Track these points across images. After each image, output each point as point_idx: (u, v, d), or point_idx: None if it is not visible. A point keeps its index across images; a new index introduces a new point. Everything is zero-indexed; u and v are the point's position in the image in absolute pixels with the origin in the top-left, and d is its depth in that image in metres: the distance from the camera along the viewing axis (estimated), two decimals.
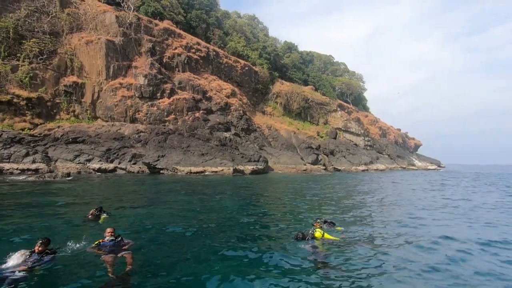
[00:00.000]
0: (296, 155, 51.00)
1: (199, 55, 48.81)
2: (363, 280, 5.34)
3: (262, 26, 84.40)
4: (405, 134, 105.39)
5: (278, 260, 6.24)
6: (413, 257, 6.77)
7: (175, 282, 5.08)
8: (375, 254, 6.81)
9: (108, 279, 5.05)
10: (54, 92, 34.75)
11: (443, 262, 6.44)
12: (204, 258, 6.26)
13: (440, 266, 6.18)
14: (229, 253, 6.56)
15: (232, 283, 5.11)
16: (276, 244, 7.40)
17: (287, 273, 5.56)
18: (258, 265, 5.95)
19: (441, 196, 19.33)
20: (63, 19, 37.42)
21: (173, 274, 5.41)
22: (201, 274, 5.39)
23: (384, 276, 5.54)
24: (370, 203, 15.41)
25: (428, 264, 6.31)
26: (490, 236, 8.79)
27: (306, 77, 76.23)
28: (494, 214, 13.01)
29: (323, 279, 5.34)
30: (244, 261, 6.18)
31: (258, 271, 5.65)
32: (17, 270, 5.00)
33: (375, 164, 64.14)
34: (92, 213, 9.38)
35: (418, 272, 5.85)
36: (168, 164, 33.02)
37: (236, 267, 5.81)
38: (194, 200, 14.32)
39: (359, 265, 6.12)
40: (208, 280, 5.17)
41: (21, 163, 26.38)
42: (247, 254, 6.52)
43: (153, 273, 5.45)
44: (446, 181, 35.75)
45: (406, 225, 10.21)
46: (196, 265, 5.84)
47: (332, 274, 5.57)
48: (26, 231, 7.91)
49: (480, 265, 6.37)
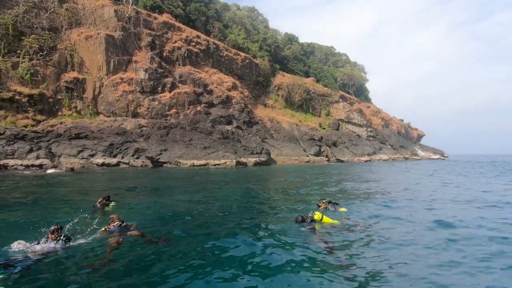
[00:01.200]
0: (298, 147, 50.93)
1: (199, 48, 48.47)
2: (356, 263, 5.30)
3: (262, 18, 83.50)
4: (408, 125, 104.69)
5: (276, 242, 6.31)
6: (409, 238, 6.79)
7: (182, 267, 5.10)
8: (373, 238, 6.77)
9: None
10: (55, 88, 34.76)
11: (439, 245, 6.42)
12: (209, 241, 6.30)
13: (437, 247, 6.20)
14: (228, 237, 6.64)
15: (230, 264, 5.16)
16: (276, 227, 7.48)
17: (283, 256, 5.58)
18: (255, 248, 6.00)
19: (435, 181, 19.27)
20: (62, 15, 37.22)
21: (180, 257, 5.45)
22: (205, 256, 5.43)
23: (380, 260, 5.50)
24: (370, 189, 15.39)
25: (425, 244, 6.32)
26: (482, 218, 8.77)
27: (308, 68, 75.56)
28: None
29: (316, 261, 5.36)
30: (244, 243, 6.26)
31: (255, 253, 5.70)
32: (31, 255, 5.12)
33: (378, 154, 63.94)
34: (100, 201, 9.67)
35: (412, 253, 5.88)
36: (170, 158, 33.12)
37: (236, 249, 5.88)
38: (199, 189, 14.37)
39: (354, 247, 6.11)
40: (209, 261, 5.21)
41: (25, 159, 26.57)
42: (246, 239, 6.56)
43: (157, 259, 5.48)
44: (440, 169, 35.57)
45: (407, 208, 10.19)
46: (202, 248, 5.88)
47: (326, 256, 5.58)
48: (37, 221, 8.00)
49: (473, 250, 6.36)
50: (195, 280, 4.55)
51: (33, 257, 5.08)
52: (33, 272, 4.69)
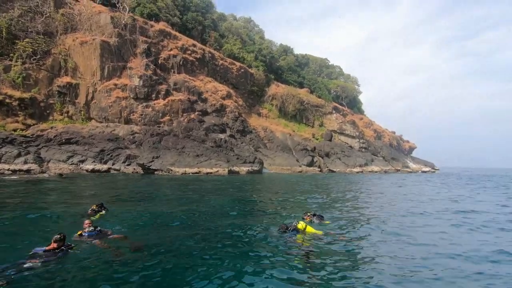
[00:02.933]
0: (291, 156, 51.10)
1: (194, 57, 48.83)
2: (335, 274, 5.33)
3: (258, 29, 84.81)
4: (399, 137, 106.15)
5: (259, 250, 6.38)
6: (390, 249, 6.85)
7: (169, 272, 5.05)
8: (354, 249, 6.83)
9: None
10: (48, 92, 34.43)
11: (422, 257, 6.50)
12: (195, 248, 6.25)
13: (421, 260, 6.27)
14: (211, 244, 6.67)
15: (215, 270, 5.15)
16: (261, 236, 7.52)
17: (262, 263, 5.62)
18: (240, 255, 6.04)
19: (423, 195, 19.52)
20: (57, 20, 37.20)
21: (164, 264, 5.38)
22: (190, 262, 5.38)
23: (359, 271, 5.54)
24: (358, 201, 15.48)
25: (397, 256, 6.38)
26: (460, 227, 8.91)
27: (302, 79, 76.58)
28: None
29: (294, 268, 5.41)
30: (228, 251, 6.31)
31: (239, 260, 5.75)
32: (32, 262, 5.12)
33: (370, 166, 64.47)
34: (92, 208, 9.59)
35: (389, 264, 5.94)
36: (162, 165, 32.84)
37: (220, 256, 5.92)
38: (190, 196, 14.23)
39: (333, 257, 6.15)
40: (196, 266, 5.20)
41: (13, 164, 26.03)
42: (230, 247, 6.59)
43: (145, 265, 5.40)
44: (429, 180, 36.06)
45: (389, 221, 10.28)
46: (188, 253, 5.83)
47: (303, 265, 5.62)
48: (24, 227, 7.92)
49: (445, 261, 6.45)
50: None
51: (33, 264, 5.08)
52: (32, 278, 4.71)
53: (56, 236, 5.63)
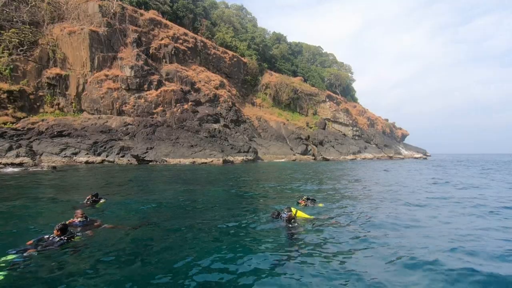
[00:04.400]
0: (285, 145, 51.47)
1: (186, 46, 48.15)
2: (325, 257, 5.54)
3: (251, 16, 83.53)
4: (392, 124, 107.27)
5: (251, 238, 6.59)
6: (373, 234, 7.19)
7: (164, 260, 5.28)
8: (345, 233, 7.07)
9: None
10: (37, 84, 33.84)
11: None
12: (191, 235, 6.49)
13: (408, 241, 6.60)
14: (204, 232, 6.85)
15: (206, 257, 5.36)
16: (253, 223, 7.74)
17: (254, 250, 5.84)
18: (232, 243, 6.23)
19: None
20: (44, 9, 36.21)
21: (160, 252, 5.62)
22: (183, 249, 5.62)
23: (350, 255, 5.73)
24: (349, 185, 15.91)
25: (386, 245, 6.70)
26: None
27: (295, 68, 76.25)
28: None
29: (285, 255, 5.60)
30: (220, 239, 6.49)
31: (231, 248, 5.94)
32: (32, 251, 5.28)
33: (363, 153, 65.36)
34: (88, 198, 9.73)
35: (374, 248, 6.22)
36: (157, 156, 32.89)
37: (212, 242, 6.10)
38: (184, 185, 14.46)
39: (325, 242, 6.36)
40: (187, 255, 5.41)
41: (4, 157, 25.82)
42: (221, 235, 6.79)
43: (144, 252, 5.64)
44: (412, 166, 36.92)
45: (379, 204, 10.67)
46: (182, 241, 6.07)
47: (295, 251, 5.83)
48: (23, 220, 8.04)
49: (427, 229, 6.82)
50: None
51: (33, 253, 5.22)
52: (32, 267, 4.85)
53: (58, 224, 5.83)
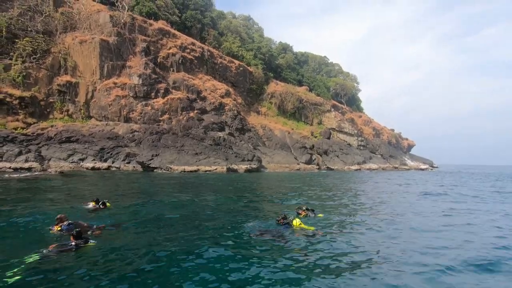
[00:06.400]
0: (290, 154, 51.49)
1: (193, 55, 49.04)
2: (320, 269, 5.61)
3: (257, 26, 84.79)
4: (398, 135, 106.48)
5: (249, 245, 6.78)
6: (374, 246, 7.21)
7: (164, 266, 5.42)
8: (344, 245, 7.11)
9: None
10: (48, 91, 34.76)
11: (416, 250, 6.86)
12: (192, 240, 6.62)
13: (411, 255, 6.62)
14: (206, 240, 6.97)
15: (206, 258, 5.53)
16: (249, 229, 8.04)
17: (257, 257, 5.97)
18: (234, 250, 6.36)
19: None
20: (57, 18, 37.45)
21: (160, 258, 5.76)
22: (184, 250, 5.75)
23: (346, 270, 5.76)
24: (351, 197, 15.89)
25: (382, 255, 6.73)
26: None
27: (301, 77, 76.81)
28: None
29: (281, 263, 5.70)
30: (221, 243, 6.71)
31: (232, 256, 6.08)
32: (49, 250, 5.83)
33: (368, 163, 64.92)
34: (93, 204, 10.15)
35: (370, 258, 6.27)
36: (162, 163, 33.23)
37: (210, 251, 6.26)
38: (188, 193, 14.63)
39: (322, 253, 6.44)
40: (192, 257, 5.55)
41: (14, 162, 26.42)
42: (223, 239, 6.97)
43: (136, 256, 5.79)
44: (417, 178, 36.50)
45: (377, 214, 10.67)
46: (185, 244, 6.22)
47: (290, 260, 5.90)
48: (33, 222, 8.39)
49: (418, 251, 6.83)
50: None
51: (51, 255, 5.71)
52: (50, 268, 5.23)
53: (73, 231, 6.22)
